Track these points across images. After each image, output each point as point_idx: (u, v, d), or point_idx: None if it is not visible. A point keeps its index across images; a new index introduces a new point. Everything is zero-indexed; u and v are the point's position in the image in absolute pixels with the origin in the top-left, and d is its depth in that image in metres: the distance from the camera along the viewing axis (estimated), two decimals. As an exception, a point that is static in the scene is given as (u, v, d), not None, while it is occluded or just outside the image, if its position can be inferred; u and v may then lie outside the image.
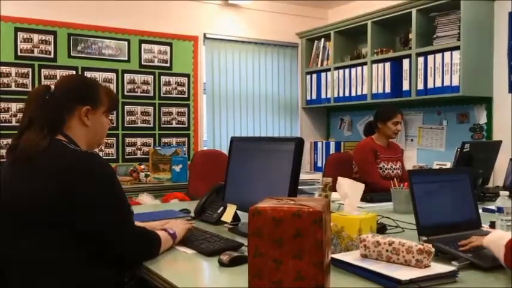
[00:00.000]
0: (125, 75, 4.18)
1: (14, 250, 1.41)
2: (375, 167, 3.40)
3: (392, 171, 3.44)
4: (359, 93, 4.42)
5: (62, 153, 1.47)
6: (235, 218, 2.04)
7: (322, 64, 4.87)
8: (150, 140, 4.32)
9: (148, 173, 4.01)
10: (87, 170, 1.43)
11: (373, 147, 3.47)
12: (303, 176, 2.19)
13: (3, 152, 3.64)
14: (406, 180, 2.72)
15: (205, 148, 4.57)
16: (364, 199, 2.47)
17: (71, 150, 1.49)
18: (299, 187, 1.85)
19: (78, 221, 1.40)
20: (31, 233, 1.40)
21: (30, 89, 3.77)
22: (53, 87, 1.59)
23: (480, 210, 1.86)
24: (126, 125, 4.19)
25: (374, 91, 4.26)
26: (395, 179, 2.59)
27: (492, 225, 1.88)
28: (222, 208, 2.08)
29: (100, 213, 1.42)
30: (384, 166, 3.43)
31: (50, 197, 1.38)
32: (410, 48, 3.97)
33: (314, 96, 4.95)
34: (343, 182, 1.67)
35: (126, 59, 4.18)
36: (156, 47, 4.31)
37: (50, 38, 3.88)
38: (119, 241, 1.46)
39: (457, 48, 3.57)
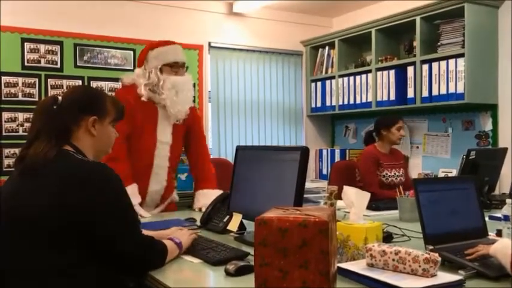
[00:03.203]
0: (131, 84, 4.20)
1: (24, 260, 1.41)
2: (374, 176, 3.41)
3: (396, 179, 3.45)
4: (364, 100, 4.42)
5: (69, 163, 1.49)
6: (241, 226, 2.05)
7: (326, 72, 4.88)
8: (156, 149, 4.32)
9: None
10: (95, 180, 1.44)
11: (376, 155, 3.48)
12: (308, 184, 2.19)
13: (11, 161, 3.66)
14: (410, 187, 2.74)
15: (210, 156, 4.56)
16: (369, 207, 2.47)
17: (78, 160, 1.51)
18: (304, 195, 1.86)
19: (85, 231, 1.41)
20: (40, 243, 1.40)
21: (37, 98, 3.80)
22: (60, 98, 1.61)
23: (486, 218, 1.86)
24: (131, 133, 4.21)
25: (379, 98, 4.26)
26: (400, 187, 2.59)
27: (499, 233, 1.87)
28: (227, 217, 2.08)
29: (107, 222, 1.44)
30: (387, 174, 3.44)
31: (58, 207, 1.39)
32: (414, 55, 3.98)
33: (319, 104, 4.96)
34: (348, 191, 1.68)
35: (132, 68, 4.20)
36: (161, 56, 4.33)
37: (57, 48, 3.91)
38: (126, 251, 1.46)
39: (462, 55, 3.57)
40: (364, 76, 4.41)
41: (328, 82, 4.83)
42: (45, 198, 1.41)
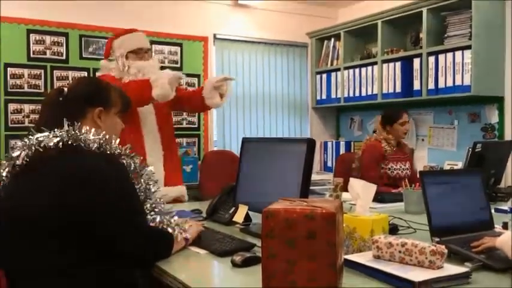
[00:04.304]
0: (136, 76, 4.20)
1: (24, 260, 1.40)
2: (374, 170, 3.37)
3: (402, 172, 3.41)
4: (369, 93, 4.41)
5: (75, 157, 1.47)
6: (247, 218, 2.05)
7: (332, 64, 4.87)
8: (161, 141, 4.33)
9: (159, 173, 4.02)
10: (95, 180, 1.42)
11: (380, 149, 3.44)
12: (313, 177, 2.18)
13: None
14: (415, 180, 2.72)
15: (215, 148, 4.58)
16: (375, 199, 2.46)
17: (84, 152, 1.49)
18: (310, 187, 1.86)
19: (85, 231, 1.39)
20: (40, 243, 1.39)
21: (42, 90, 3.81)
22: (66, 90, 1.61)
23: (492, 211, 1.85)
24: (137, 125, 4.21)
25: (384, 91, 4.25)
26: (406, 180, 2.58)
27: (505, 225, 1.87)
28: (233, 209, 2.09)
29: (107, 223, 1.42)
30: (392, 167, 3.40)
31: (58, 207, 1.38)
32: (421, 47, 3.96)
33: (324, 96, 4.95)
34: (355, 183, 1.68)
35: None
36: (166, 48, 4.33)
37: (62, 39, 3.91)
38: (126, 251, 1.45)
39: (468, 47, 3.55)
40: (369, 68, 4.40)
41: (333, 74, 4.81)
42: (46, 197, 1.40)
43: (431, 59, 3.82)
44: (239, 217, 2.01)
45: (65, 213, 1.38)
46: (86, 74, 3.97)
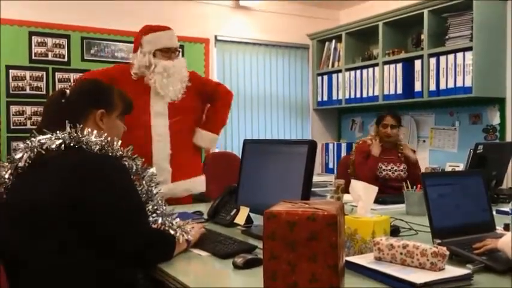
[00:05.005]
0: (137, 77, 4.21)
1: (30, 252, 1.41)
2: (364, 169, 3.35)
3: (393, 173, 3.37)
4: (370, 94, 4.41)
5: (76, 156, 1.48)
6: (248, 220, 2.05)
7: (333, 65, 4.87)
8: (162, 142, 4.33)
9: (161, 174, 4.02)
10: (95, 180, 1.43)
11: (367, 149, 3.43)
12: (314, 178, 2.18)
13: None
14: (416, 182, 2.70)
15: (217, 150, 4.58)
16: (376, 201, 2.46)
17: (81, 156, 1.49)
18: (311, 189, 1.86)
19: (86, 231, 1.39)
20: (40, 243, 1.40)
21: (44, 92, 3.81)
22: (68, 92, 1.61)
23: (494, 212, 1.85)
24: (138, 127, 4.22)
25: (386, 92, 4.25)
26: (408, 182, 2.57)
27: (506, 227, 1.86)
28: (235, 210, 2.09)
29: (107, 223, 1.42)
30: (380, 167, 3.37)
31: (58, 207, 1.39)
32: (422, 49, 3.96)
33: (325, 98, 4.95)
34: (356, 185, 1.68)
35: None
36: (167, 50, 4.33)
37: (64, 41, 3.92)
38: (126, 251, 1.45)
39: (470, 49, 3.55)
40: (371, 70, 4.40)
41: (334, 76, 4.82)
42: (47, 193, 1.41)
43: (433, 60, 3.82)
44: (241, 219, 2.02)
45: (65, 213, 1.38)
46: (87, 76, 3.97)
